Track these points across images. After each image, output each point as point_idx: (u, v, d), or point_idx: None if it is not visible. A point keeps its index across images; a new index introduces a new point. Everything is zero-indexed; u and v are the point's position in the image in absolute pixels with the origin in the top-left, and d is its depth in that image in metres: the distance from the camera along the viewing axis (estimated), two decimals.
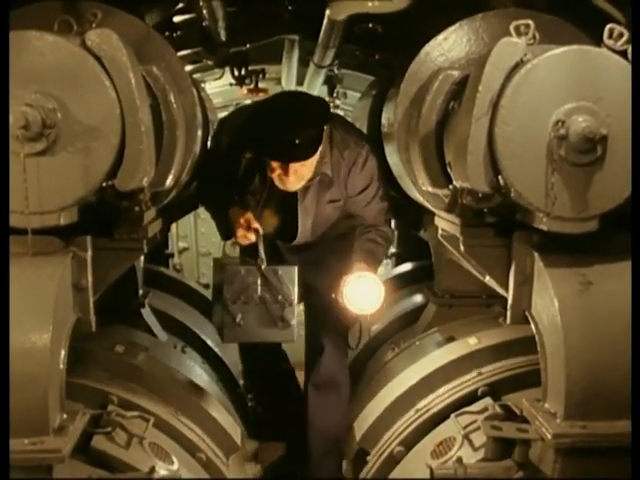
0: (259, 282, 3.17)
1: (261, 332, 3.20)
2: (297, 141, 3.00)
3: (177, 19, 3.74)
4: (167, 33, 3.61)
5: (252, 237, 3.18)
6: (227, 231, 3.37)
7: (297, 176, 3.14)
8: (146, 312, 3.58)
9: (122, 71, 2.12)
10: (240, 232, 3.19)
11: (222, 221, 3.43)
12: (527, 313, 2.36)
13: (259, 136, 3.10)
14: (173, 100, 2.55)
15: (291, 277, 3.21)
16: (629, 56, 2.14)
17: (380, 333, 3.87)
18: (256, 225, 3.20)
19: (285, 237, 3.51)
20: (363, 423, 3.20)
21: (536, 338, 2.32)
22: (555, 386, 2.22)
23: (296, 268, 3.23)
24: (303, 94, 3.80)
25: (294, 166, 3.10)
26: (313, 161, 3.17)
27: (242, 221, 3.19)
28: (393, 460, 2.99)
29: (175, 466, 2.66)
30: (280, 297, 3.17)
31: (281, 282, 3.18)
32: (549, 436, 2.14)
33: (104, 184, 2.14)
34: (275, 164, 3.11)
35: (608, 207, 2.17)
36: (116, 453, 2.53)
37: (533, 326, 2.33)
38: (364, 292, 3.06)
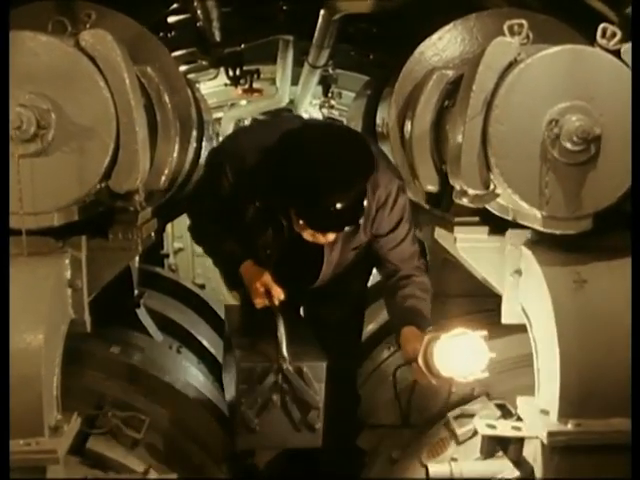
0: (280, 382, 2.58)
1: (281, 437, 2.65)
2: (345, 205, 2.31)
3: (171, 19, 3.74)
4: (161, 34, 3.61)
5: (274, 301, 2.61)
6: (234, 284, 2.89)
7: (328, 237, 2.50)
8: (141, 312, 3.57)
9: (116, 71, 2.12)
10: (259, 300, 2.62)
11: (228, 274, 2.94)
12: (521, 311, 2.37)
13: (292, 194, 2.38)
14: (167, 100, 2.56)
15: (318, 375, 2.59)
16: (622, 56, 2.15)
17: (376, 333, 3.87)
18: (278, 291, 2.61)
19: (300, 283, 2.92)
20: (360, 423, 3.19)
21: (530, 336, 2.33)
22: (549, 384, 2.23)
23: (324, 365, 2.61)
24: (340, 129, 2.84)
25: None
26: None
27: (259, 286, 2.61)
28: (390, 461, 2.99)
29: (170, 467, 2.66)
30: (304, 398, 2.59)
31: (306, 382, 2.59)
32: (544, 434, 2.15)
33: (99, 185, 2.13)
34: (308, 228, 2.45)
35: (602, 206, 2.18)
36: (111, 454, 2.53)
37: (527, 324, 2.34)
38: (464, 353, 2.32)
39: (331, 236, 2.48)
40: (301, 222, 2.40)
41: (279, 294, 2.60)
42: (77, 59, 2.10)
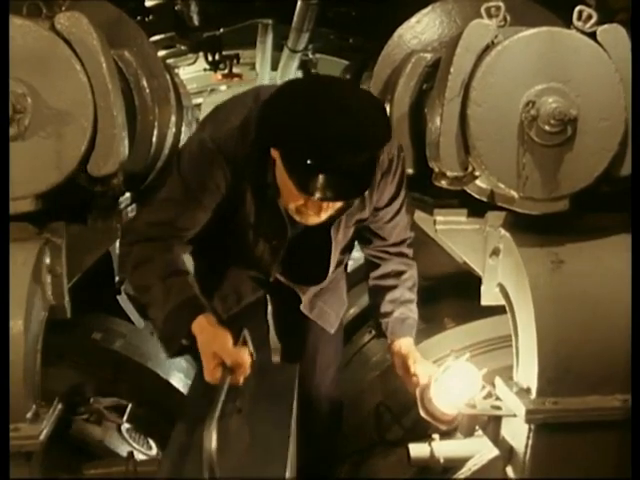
0: None
1: None
2: (356, 169, 1.92)
3: (149, 3, 3.72)
4: (139, 17, 3.59)
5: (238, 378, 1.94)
6: (178, 349, 2.11)
7: (331, 210, 2.12)
8: (122, 299, 3.57)
9: (93, 55, 2.10)
10: (212, 377, 1.93)
11: (172, 329, 2.08)
12: (500, 292, 2.39)
13: (299, 146, 1.91)
14: (146, 85, 2.55)
15: None
16: (598, 38, 2.16)
17: (357, 317, 3.89)
18: (245, 366, 1.94)
19: (308, 281, 2.54)
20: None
21: (508, 316, 2.35)
22: (527, 363, 2.26)
23: None
24: (351, 82, 2.47)
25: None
26: None
27: (216, 358, 1.93)
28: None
29: (153, 451, 2.67)
30: None
31: None
32: (522, 412, 2.18)
33: (77, 169, 2.12)
34: (303, 196, 2.02)
35: (579, 187, 2.20)
36: (94, 439, 2.53)
37: (506, 305, 2.37)
38: (459, 385, 2.31)
39: (325, 213, 2.08)
40: (303, 192, 1.95)
41: (245, 371, 1.94)
42: (53, 42, 2.08)
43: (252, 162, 2.14)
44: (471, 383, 2.31)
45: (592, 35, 2.15)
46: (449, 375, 2.32)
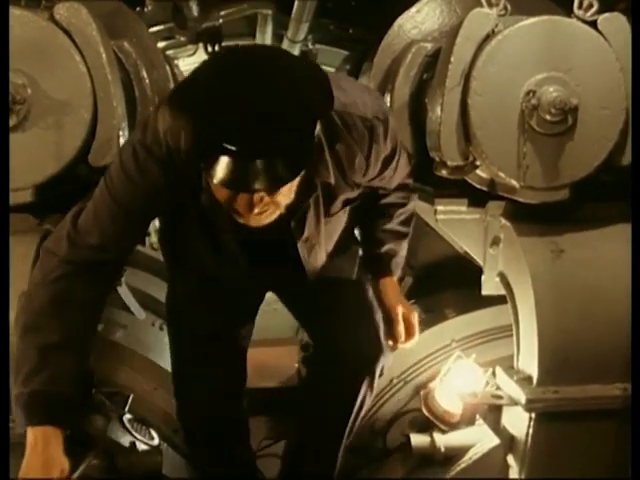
0: None
1: None
2: (276, 151, 1.57)
3: None
4: (138, 8, 3.57)
5: None
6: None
7: (271, 205, 1.71)
8: (123, 290, 3.56)
9: (92, 45, 2.10)
10: None
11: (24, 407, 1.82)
12: (500, 281, 2.40)
13: (193, 135, 1.58)
14: (145, 75, 2.53)
15: None
16: (599, 26, 2.16)
17: None
18: None
19: (285, 284, 2.34)
20: None
21: (509, 305, 2.36)
22: (528, 352, 2.27)
23: None
24: (277, 52, 1.81)
25: (261, 194, 1.67)
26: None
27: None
28: (372, 433, 3.02)
29: (155, 441, 2.67)
30: None
31: None
32: (522, 401, 2.19)
33: (76, 160, 2.12)
34: (224, 191, 1.68)
35: (579, 176, 2.20)
36: (96, 430, 2.53)
37: (507, 294, 2.37)
38: (460, 382, 2.35)
39: (260, 209, 1.70)
40: (216, 183, 1.62)
41: None
42: (52, 33, 2.08)
43: (186, 163, 1.74)
44: (474, 383, 2.33)
45: (593, 24, 2.15)
46: (452, 376, 2.33)
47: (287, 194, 1.72)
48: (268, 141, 1.55)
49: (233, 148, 1.53)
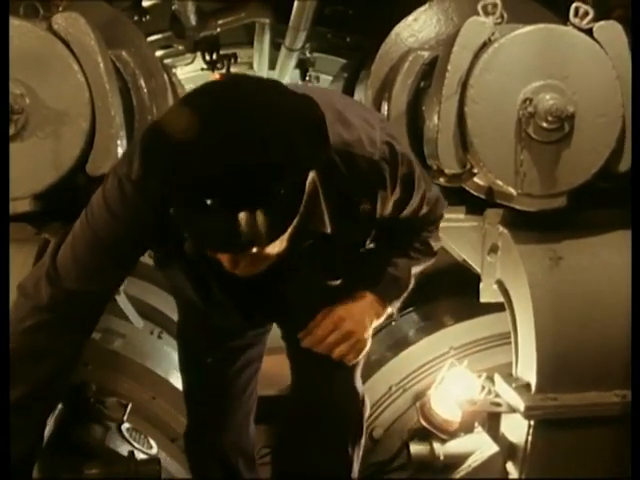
0: None
1: None
2: (252, 212, 1.36)
3: (146, 3, 3.70)
4: (136, 17, 3.58)
5: None
6: None
7: (258, 257, 1.51)
8: (121, 299, 3.56)
9: (90, 55, 2.11)
10: None
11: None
12: (498, 289, 2.40)
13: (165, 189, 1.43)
14: (143, 84, 2.53)
15: None
16: (595, 34, 2.17)
17: None
18: None
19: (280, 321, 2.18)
20: None
21: (507, 313, 2.36)
22: (526, 360, 2.27)
23: None
24: (265, 89, 1.50)
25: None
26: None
27: None
28: (371, 441, 3.02)
29: (154, 450, 2.67)
30: None
31: None
32: (521, 409, 2.19)
33: (75, 169, 2.12)
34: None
35: (576, 183, 2.21)
36: (95, 439, 2.53)
37: (505, 302, 2.37)
38: (457, 388, 2.33)
39: (247, 262, 1.51)
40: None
41: None
42: (50, 43, 2.08)
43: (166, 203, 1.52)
44: (469, 390, 2.33)
45: (589, 32, 2.16)
46: (447, 384, 2.33)
47: (277, 244, 1.49)
48: (247, 199, 1.35)
49: (206, 205, 1.34)
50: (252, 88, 1.47)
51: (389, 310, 1.99)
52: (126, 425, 2.65)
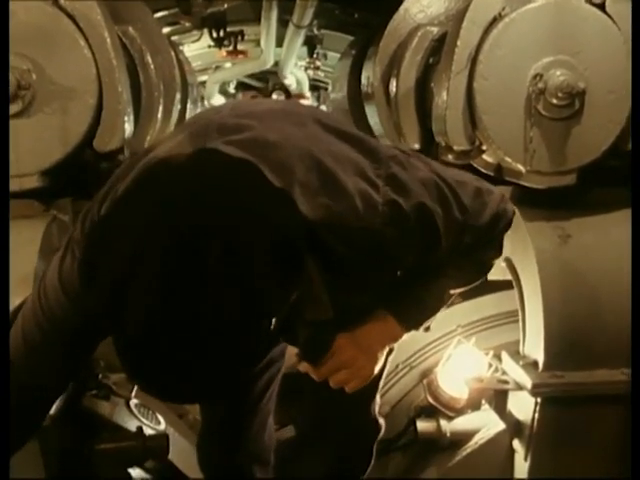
0: None
1: None
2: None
3: None
4: None
5: None
6: None
7: None
8: None
9: (97, 30, 2.09)
10: None
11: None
12: (507, 267, 2.39)
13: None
14: (150, 61, 2.52)
15: None
16: (607, 9, 2.14)
17: None
18: None
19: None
20: None
21: (515, 290, 2.35)
22: (534, 337, 2.27)
23: None
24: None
25: None
26: None
27: None
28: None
29: (162, 426, 2.69)
30: None
31: None
32: (528, 386, 2.19)
33: (82, 145, 2.12)
34: None
35: (586, 160, 2.19)
36: (103, 415, 2.55)
37: (513, 279, 2.37)
38: (464, 366, 2.32)
39: None
40: None
41: None
42: (56, 18, 2.07)
43: None
44: (477, 367, 2.33)
45: (601, 6, 2.13)
46: (455, 362, 2.33)
47: None
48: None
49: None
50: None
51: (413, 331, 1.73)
52: (134, 401, 2.66)
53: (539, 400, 2.22)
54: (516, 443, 2.36)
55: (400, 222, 1.44)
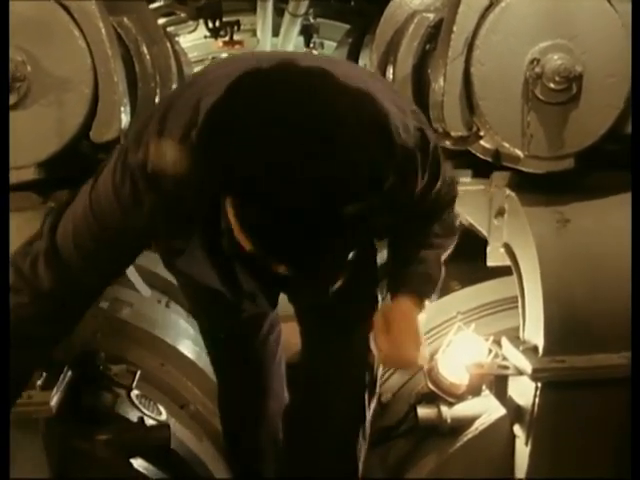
0: None
1: None
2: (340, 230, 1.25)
3: None
4: None
5: None
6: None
7: None
8: (129, 269, 3.57)
9: (91, 20, 2.08)
10: None
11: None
12: (505, 252, 2.39)
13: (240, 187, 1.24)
14: (146, 51, 2.51)
15: None
16: None
17: None
18: None
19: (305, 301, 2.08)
20: None
21: (514, 276, 2.35)
22: (534, 322, 2.27)
23: None
24: (339, 94, 1.28)
25: None
26: None
27: None
28: (380, 405, 3.04)
29: (163, 416, 2.70)
30: None
31: None
32: (529, 371, 2.19)
33: (78, 137, 2.11)
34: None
35: (584, 145, 2.19)
36: (105, 406, 2.56)
37: (512, 265, 2.37)
38: (464, 352, 2.33)
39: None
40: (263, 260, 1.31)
41: None
42: (51, 9, 2.05)
43: (196, 198, 1.48)
44: (477, 353, 2.33)
45: None
46: (455, 348, 2.35)
47: None
48: (333, 221, 1.21)
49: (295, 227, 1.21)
50: (308, 84, 1.28)
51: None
52: (135, 392, 2.67)
53: (539, 385, 2.23)
54: (517, 428, 2.37)
55: (423, 147, 1.62)
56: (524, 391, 2.30)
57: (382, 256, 2.26)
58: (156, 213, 1.51)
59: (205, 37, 5.60)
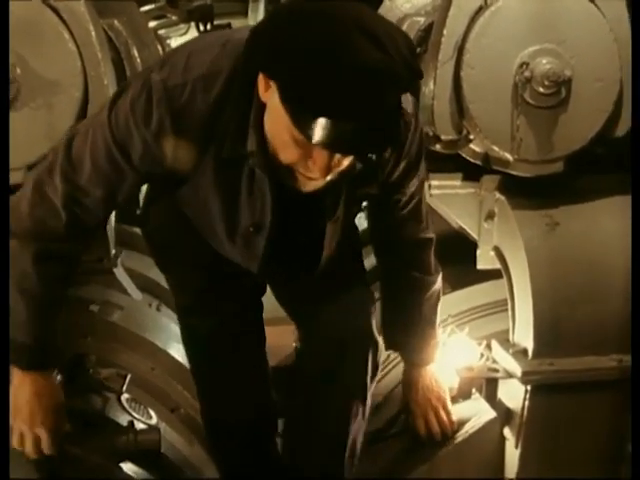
0: None
1: None
2: (381, 115, 1.42)
3: None
4: None
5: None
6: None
7: (337, 169, 1.53)
8: (119, 272, 3.55)
9: (81, 23, 2.08)
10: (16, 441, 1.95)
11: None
12: (495, 255, 2.40)
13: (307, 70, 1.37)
14: (137, 54, 2.51)
15: None
16: None
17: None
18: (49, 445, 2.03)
19: (296, 270, 2.01)
20: None
21: (504, 279, 2.36)
22: (523, 325, 2.28)
23: None
24: (378, 15, 1.63)
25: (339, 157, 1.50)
26: None
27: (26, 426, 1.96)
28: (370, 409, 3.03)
29: (154, 420, 2.68)
30: None
31: None
32: (518, 374, 2.20)
33: None
34: (301, 149, 1.48)
35: (573, 148, 2.20)
36: (95, 409, 2.54)
37: (502, 268, 2.38)
38: (456, 355, 2.39)
39: (331, 173, 1.51)
40: (311, 140, 1.40)
41: (48, 448, 2.02)
42: (40, 11, 2.06)
43: (219, 123, 1.61)
44: (469, 357, 2.34)
45: None
46: (447, 351, 2.36)
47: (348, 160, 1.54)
48: (379, 104, 1.41)
49: (343, 111, 1.38)
50: (365, 11, 1.47)
51: None
52: (125, 396, 2.65)
53: (529, 388, 2.24)
54: (507, 431, 2.37)
55: (416, 117, 1.82)
56: (514, 394, 2.31)
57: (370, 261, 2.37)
58: (164, 129, 1.60)
59: None
